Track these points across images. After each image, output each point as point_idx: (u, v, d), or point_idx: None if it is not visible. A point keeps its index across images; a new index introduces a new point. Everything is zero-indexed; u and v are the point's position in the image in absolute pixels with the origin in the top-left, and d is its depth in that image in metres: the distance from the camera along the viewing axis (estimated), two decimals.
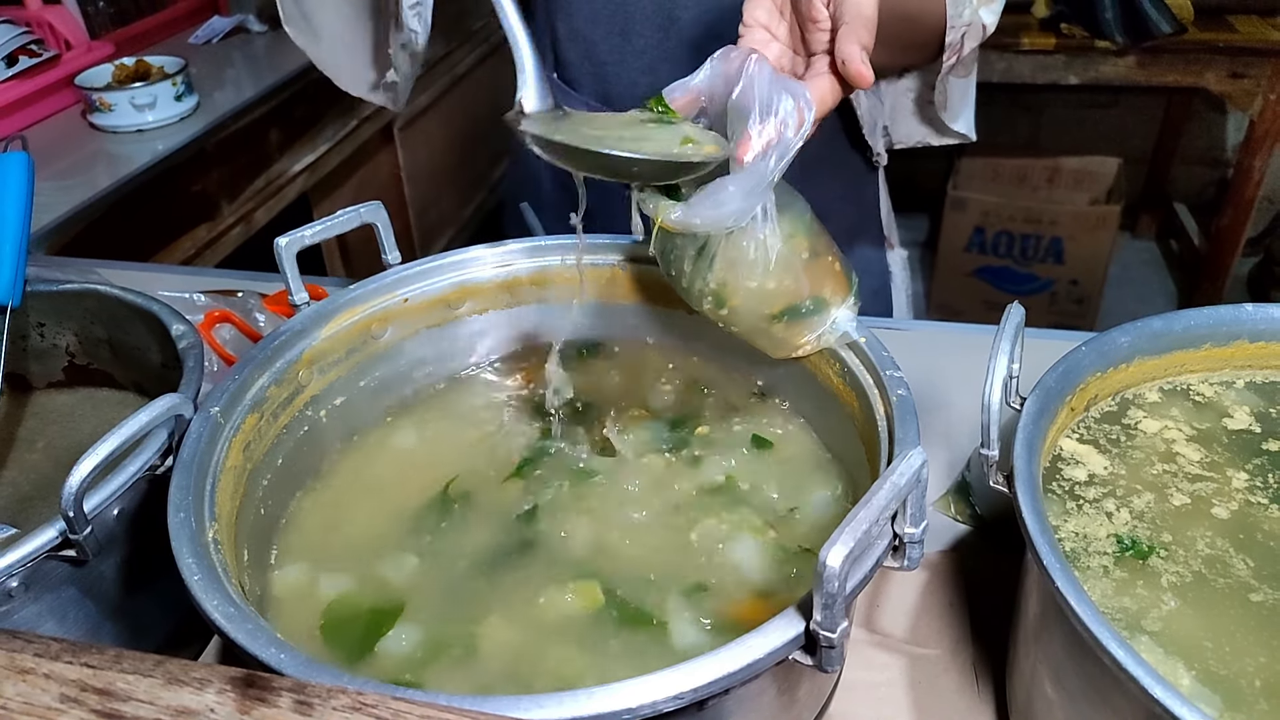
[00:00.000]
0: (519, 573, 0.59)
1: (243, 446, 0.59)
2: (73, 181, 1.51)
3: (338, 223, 0.68)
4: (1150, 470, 0.57)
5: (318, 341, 0.67)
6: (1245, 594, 0.49)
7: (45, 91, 1.71)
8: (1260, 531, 0.53)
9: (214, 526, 0.51)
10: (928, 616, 0.70)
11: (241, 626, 0.44)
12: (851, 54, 0.57)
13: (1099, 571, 0.51)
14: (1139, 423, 0.60)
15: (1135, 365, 0.61)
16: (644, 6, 0.97)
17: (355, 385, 0.71)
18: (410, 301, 0.71)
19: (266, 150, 1.86)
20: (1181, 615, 0.48)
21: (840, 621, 0.41)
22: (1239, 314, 0.62)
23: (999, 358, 0.50)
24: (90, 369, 0.81)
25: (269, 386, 0.63)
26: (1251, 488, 0.56)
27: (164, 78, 1.68)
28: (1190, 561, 0.51)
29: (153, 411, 0.54)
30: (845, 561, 0.39)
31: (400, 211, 2.46)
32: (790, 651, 0.42)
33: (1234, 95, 2.30)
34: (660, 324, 0.75)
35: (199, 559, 0.48)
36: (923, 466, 0.43)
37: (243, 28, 2.14)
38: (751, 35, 0.63)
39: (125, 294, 0.74)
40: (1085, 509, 0.54)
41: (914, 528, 0.45)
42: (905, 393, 0.56)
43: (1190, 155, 3.03)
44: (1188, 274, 2.86)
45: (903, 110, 1.05)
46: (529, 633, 0.55)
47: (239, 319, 0.90)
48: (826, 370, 0.64)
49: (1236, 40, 2.25)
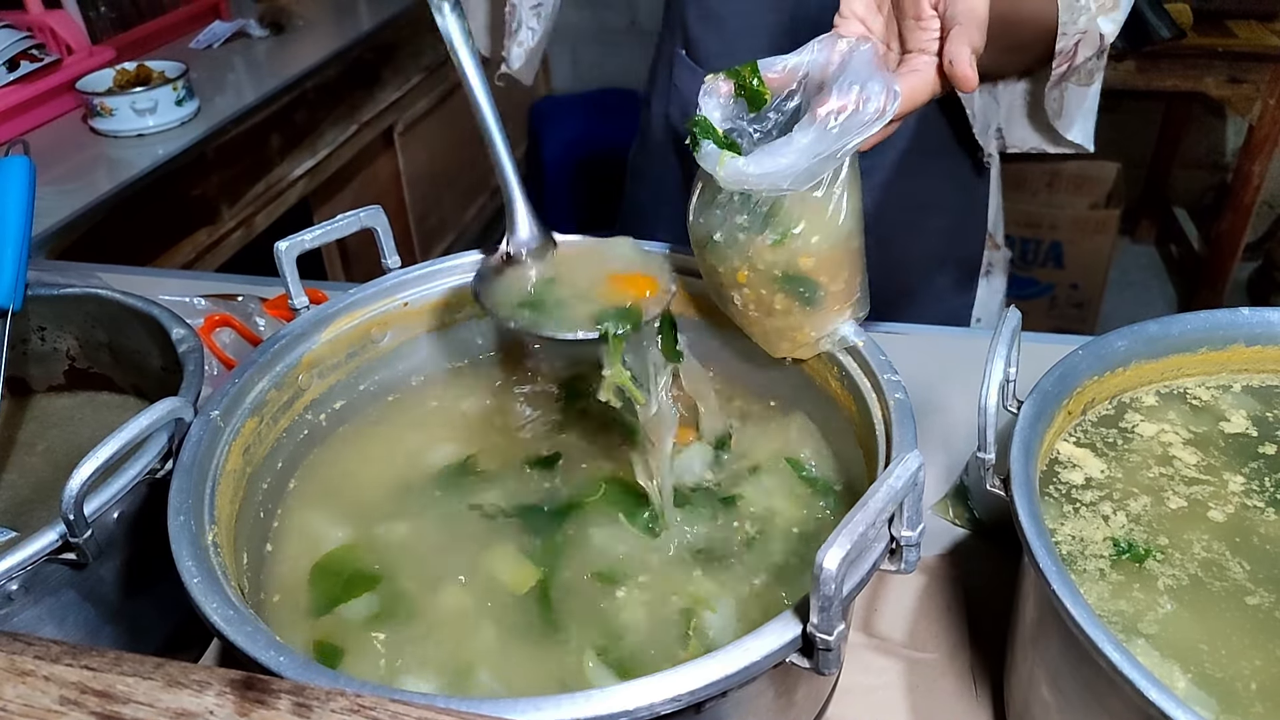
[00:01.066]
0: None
1: (242, 450, 0.59)
2: (74, 186, 1.52)
3: (337, 227, 0.69)
4: (1147, 473, 0.57)
5: (317, 345, 0.67)
6: (1241, 597, 0.49)
7: (46, 96, 1.72)
8: (1256, 535, 0.53)
9: (213, 529, 0.52)
10: (926, 620, 0.70)
11: (240, 629, 0.44)
12: (960, 55, 0.56)
13: (1095, 575, 0.51)
14: (1136, 426, 0.60)
15: (1132, 369, 0.61)
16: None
17: (355, 389, 0.71)
18: (410, 305, 0.72)
19: (267, 155, 1.87)
20: (1178, 618, 0.48)
21: (837, 624, 0.41)
22: (1235, 318, 0.62)
23: (995, 362, 0.50)
24: (90, 373, 0.81)
25: (269, 390, 0.63)
26: (1248, 491, 0.56)
27: (165, 82, 1.69)
28: (1186, 565, 0.51)
29: (153, 415, 0.54)
30: (842, 564, 0.39)
31: (400, 215, 2.47)
32: (787, 654, 0.42)
33: (1233, 100, 2.30)
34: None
35: (199, 562, 0.48)
36: (919, 470, 0.44)
37: (244, 33, 2.15)
38: (847, 26, 0.63)
39: (126, 298, 0.74)
40: (1082, 512, 0.55)
41: (911, 531, 0.45)
42: (903, 396, 0.56)
43: (1190, 160, 3.04)
44: (1187, 279, 2.87)
45: (1017, 114, 1.05)
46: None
47: (239, 323, 0.90)
48: (825, 375, 0.65)
49: (1235, 45, 2.25)
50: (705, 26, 1.05)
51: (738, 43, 1.02)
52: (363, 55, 2.18)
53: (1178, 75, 2.29)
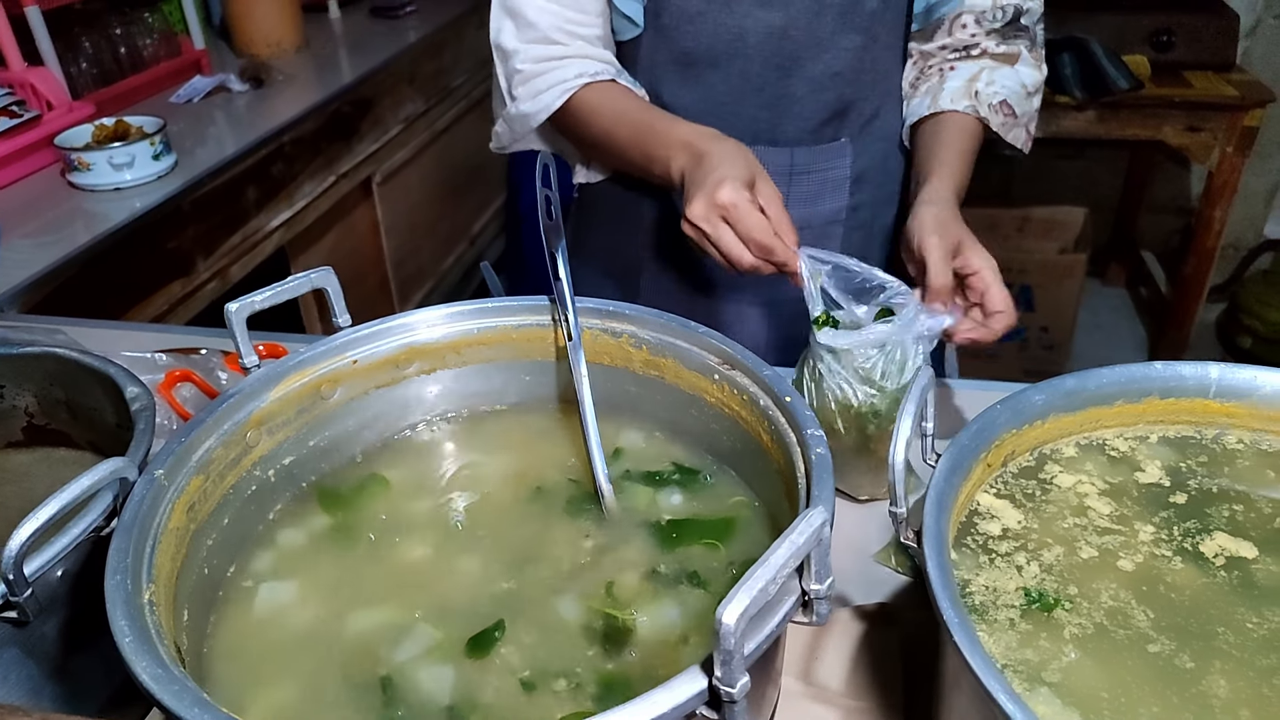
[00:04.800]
0: None
1: (186, 508, 0.61)
2: (50, 239, 1.54)
3: (289, 288, 0.71)
4: (1062, 524, 0.59)
5: (266, 403, 0.69)
6: (1144, 645, 0.51)
7: (26, 151, 1.75)
8: (1163, 583, 0.55)
9: (150, 588, 0.53)
10: (863, 668, 0.72)
11: (168, 688, 0.45)
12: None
13: (1005, 624, 0.53)
14: (1055, 477, 0.62)
15: (1051, 422, 0.63)
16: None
17: (305, 445, 0.73)
18: (360, 363, 0.74)
19: (243, 207, 1.89)
20: (1081, 666, 0.50)
21: (739, 677, 0.42)
22: (1149, 371, 0.65)
23: (903, 420, 0.52)
24: (48, 429, 0.82)
25: (215, 448, 0.64)
26: (1157, 540, 0.58)
27: (142, 137, 1.72)
28: (1093, 613, 0.53)
29: (95, 476, 0.55)
30: (740, 619, 0.41)
31: (378, 264, 2.49)
32: (695, 706, 0.44)
33: (1191, 148, 2.36)
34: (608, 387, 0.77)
35: (132, 621, 0.49)
36: (823, 525, 0.45)
37: (224, 87, 2.19)
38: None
39: (82, 356, 0.76)
40: (997, 563, 0.56)
41: (819, 584, 0.47)
42: (824, 451, 0.58)
43: (1157, 204, 3.10)
44: (1156, 320, 2.92)
45: None
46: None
47: (199, 378, 0.92)
48: (759, 429, 0.67)
49: (1192, 95, 2.32)
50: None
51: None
52: (340, 108, 2.22)
53: (1137, 125, 2.35)
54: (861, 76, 1.03)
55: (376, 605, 0.64)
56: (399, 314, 0.74)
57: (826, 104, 1.03)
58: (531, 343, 0.77)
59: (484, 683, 0.58)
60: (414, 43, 2.56)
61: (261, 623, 0.63)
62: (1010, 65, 1.03)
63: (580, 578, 0.65)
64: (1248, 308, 2.83)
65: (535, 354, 0.78)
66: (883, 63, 1.05)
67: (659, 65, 1.04)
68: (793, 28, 0.98)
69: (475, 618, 0.62)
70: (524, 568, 0.66)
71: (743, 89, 1.03)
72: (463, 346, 0.76)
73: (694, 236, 0.85)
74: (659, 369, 0.74)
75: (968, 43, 1.03)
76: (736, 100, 1.03)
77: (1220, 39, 2.42)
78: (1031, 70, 1.04)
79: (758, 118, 1.04)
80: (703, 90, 1.04)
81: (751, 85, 1.02)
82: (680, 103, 1.04)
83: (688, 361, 0.72)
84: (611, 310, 0.75)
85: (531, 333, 0.77)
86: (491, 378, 0.78)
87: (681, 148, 0.90)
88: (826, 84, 1.02)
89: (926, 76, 1.06)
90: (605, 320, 0.75)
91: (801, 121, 1.04)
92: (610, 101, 0.99)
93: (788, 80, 1.02)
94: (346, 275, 0.73)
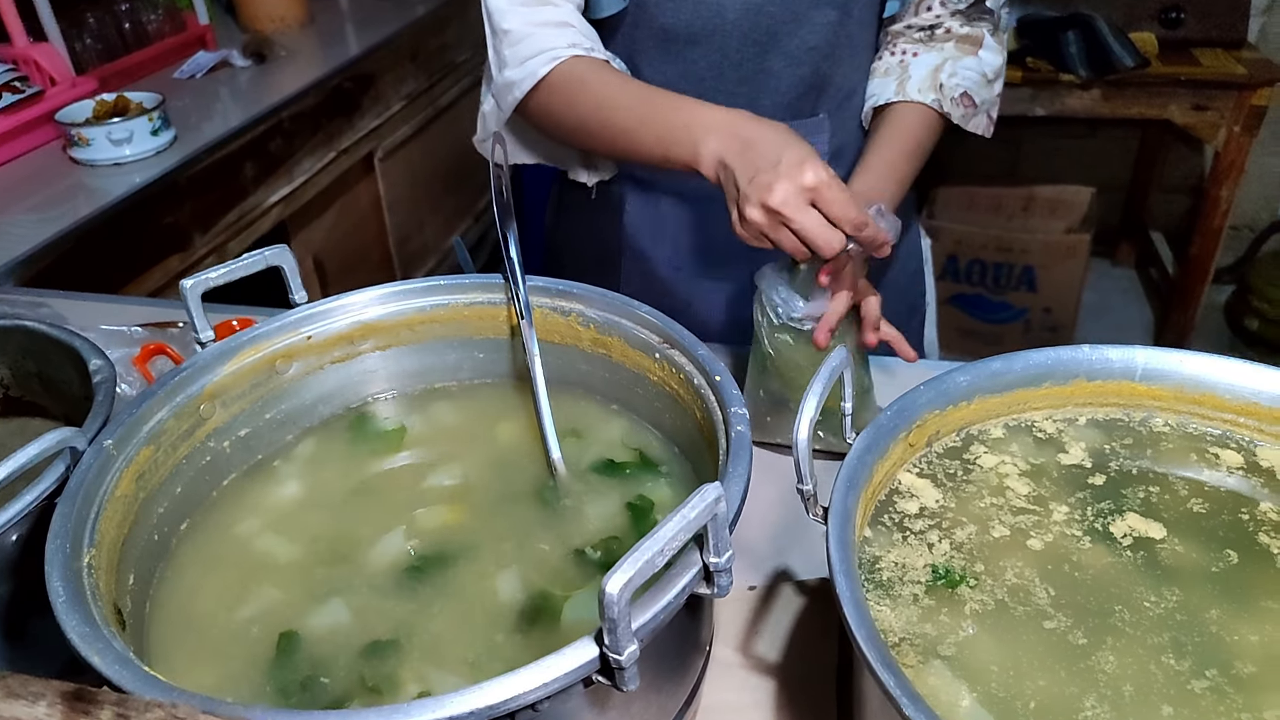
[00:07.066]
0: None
1: (135, 476, 0.63)
2: (50, 213, 1.57)
3: (243, 265, 0.73)
4: (979, 503, 0.60)
5: (220, 376, 0.71)
6: (1040, 621, 0.52)
7: (28, 126, 1.78)
8: (1068, 563, 0.56)
9: (91, 552, 0.56)
10: (801, 642, 0.73)
11: (93, 645, 0.48)
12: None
13: (909, 599, 0.54)
14: (978, 458, 0.64)
15: (976, 403, 0.65)
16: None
17: (261, 418, 0.75)
18: (314, 339, 0.76)
19: (241, 182, 1.92)
20: (977, 641, 0.52)
21: (626, 645, 0.44)
22: (1076, 354, 0.65)
23: (808, 399, 0.53)
24: (24, 401, 0.85)
25: (167, 420, 0.67)
26: (1070, 520, 0.59)
27: (141, 113, 1.74)
28: (996, 590, 0.54)
29: (40, 445, 0.58)
30: (625, 589, 0.43)
31: (381, 239, 2.52)
32: (588, 673, 0.46)
33: (1198, 127, 2.33)
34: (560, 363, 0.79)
35: (67, 583, 0.52)
36: (717, 500, 0.47)
37: (227, 63, 2.21)
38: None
39: (51, 329, 0.78)
40: (910, 540, 0.58)
41: (718, 558, 0.49)
42: (744, 429, 0.59)
43: (1167, 184, 3.06)
44: (1164, 302, 2.89)
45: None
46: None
47: (173, 351, 0.95)
48: (693, 407, 0.68)
49: (1199, 74, 2.29)
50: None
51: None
52: (342, 84, 2.24)
53: (1143, 103, 2.32)
54: (837, 51, 1.03)
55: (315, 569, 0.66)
56: (351, 291, 0.76)
57: (803, 79, 1.04)
58: (484, 320, 0.79)
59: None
60: (419, 18, 2.57)
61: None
62: (974, 53, 1.03)
63: (524, 554, 0.67)
64: (1257, 290, 2.80)
65: (488, 331, 0.80)
66: (858, 38, 1.05)
67: (638, 41, 1.04)
68: (770, 3, 0.98)
69: (403, 590, 0.64)
70: (478, 543, 0.68)
71: (721, 64, 1.03)
72: (416, 324, 0.78)
73: (765, 225, 0.79)
74: (606, 347, 0.75)
75: (932, 23, 1.03)
76: (715, 76, 1.04)
77: (1231, 15, 2.38)
78: (993, 55, 1.04)
79: (736, 93, 1.04)
80: (682, 66, 1.04)
81: (730, 61, 1.03)
82: (659, 80, 1.04)
83: (631, 340, 0.73)
84: (560, 289, 0.76)
85: (484, 310, 0.78)
86: (445, 354, 0.80)
87: (714, 131, 0.84)
88: (803, 58, 1.02)
89: (890, 57, 1.06)
90: (554, 299, 0.77)
91: (778, 96, 1.05)
92: (607, 79, 0.95)
93: (765, 56, 1.02)
94: (349, 251, 0.75)
